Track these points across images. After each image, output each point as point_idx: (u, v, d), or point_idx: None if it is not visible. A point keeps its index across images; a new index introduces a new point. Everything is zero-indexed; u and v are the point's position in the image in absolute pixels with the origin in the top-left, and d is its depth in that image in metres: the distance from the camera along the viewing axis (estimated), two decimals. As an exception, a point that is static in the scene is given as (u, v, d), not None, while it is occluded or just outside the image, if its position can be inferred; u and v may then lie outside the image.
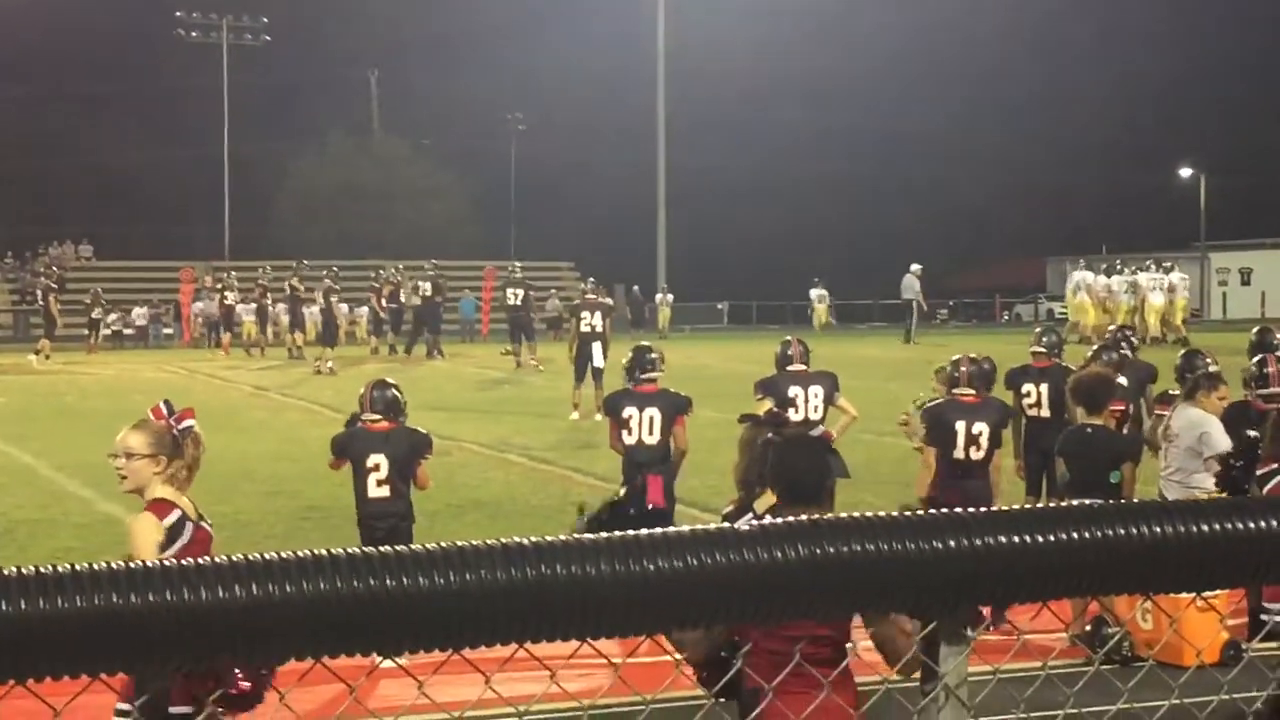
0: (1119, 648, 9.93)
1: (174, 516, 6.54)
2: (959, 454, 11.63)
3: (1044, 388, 14.00)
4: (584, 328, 25.87)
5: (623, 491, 12.36)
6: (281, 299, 44.63)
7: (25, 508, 16.51)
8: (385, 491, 10.80)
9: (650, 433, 12.61)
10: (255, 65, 76.71)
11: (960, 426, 11.64)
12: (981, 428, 11.64)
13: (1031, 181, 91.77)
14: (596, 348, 25.48)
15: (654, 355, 13.25)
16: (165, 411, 6.75)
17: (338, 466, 11.20)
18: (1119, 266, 46.77)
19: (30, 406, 28.49)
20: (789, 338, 14.42)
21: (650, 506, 12.41)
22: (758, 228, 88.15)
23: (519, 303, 36.98)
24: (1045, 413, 13.87)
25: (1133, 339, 16.34)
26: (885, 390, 24.03)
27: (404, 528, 10.85)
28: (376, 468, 10.77)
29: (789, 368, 13.67)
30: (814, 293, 61.80)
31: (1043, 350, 14.38)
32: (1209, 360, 13.04)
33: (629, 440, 12.69)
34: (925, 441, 11.88)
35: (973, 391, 11.93)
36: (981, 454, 11.63)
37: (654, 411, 12.65)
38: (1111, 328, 16.25)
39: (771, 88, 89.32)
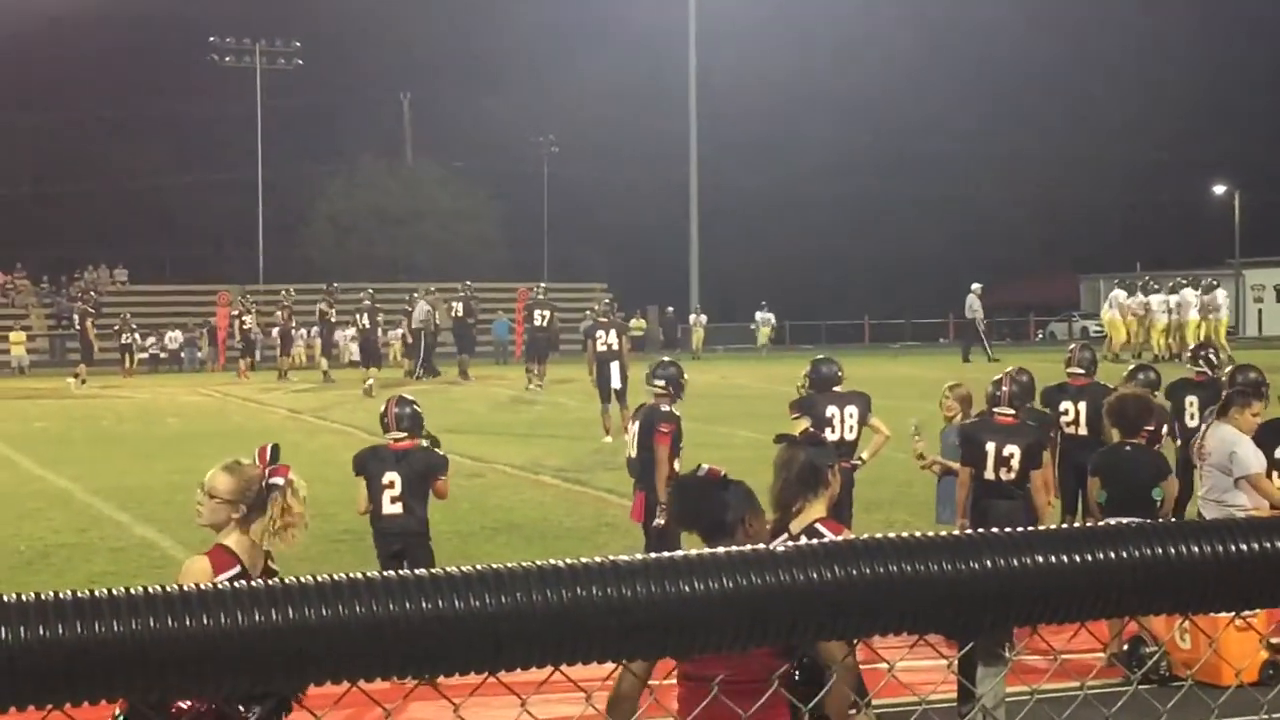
0: (1157, 667, 9.87)
1: (230, 573, 6.32)
2: (989, 475, 11.53)
3: (1082, 406, 13.98)
4: (600, 347, 25.89)
5: None
6: (313, 322, 44.70)
7: (62, 532, 16.58)
8: (398, 509, 10.94)
9: (633, 447, 12.68)
10: (288, 89, 77.13)
11: (991, 447, 11.55)
12: (1013, 450, 11.53)
13: (1064, 198, 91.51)
14: (614, 368, 25.45)
15: (652, 368, 13.29)
16: (268, 458, 6.56)
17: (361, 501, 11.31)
18: (1152, 285, 46.40)
19: (67, 431, 28.65)
20: (820, 356, 14.35)
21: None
22: (790, 248, 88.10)
23: (545, 324, 37.17)
24: (1083, 431, 13.84)
25: (1211, 356, 15.79)
26: (919, 409, 23.92)
27: (418, 544, 11.00)
28: (391, 485, 10.94)
29: (831, 389, 13.57)
30: (759, 315, 63.54)
31: (1080, 370, 14.35)
32: (1255, 374, 12.96)
33: (627, 454, 12.86)
34: (961, 461, 11.83)
35: (1012, 412, 11.85)
36: (1013, 476, 11.52)
37: (635, 426, 12.75)
38: (1193, 345, 15.90)
39: (803, 107, 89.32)
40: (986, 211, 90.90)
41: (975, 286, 47.97)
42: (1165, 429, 13.43)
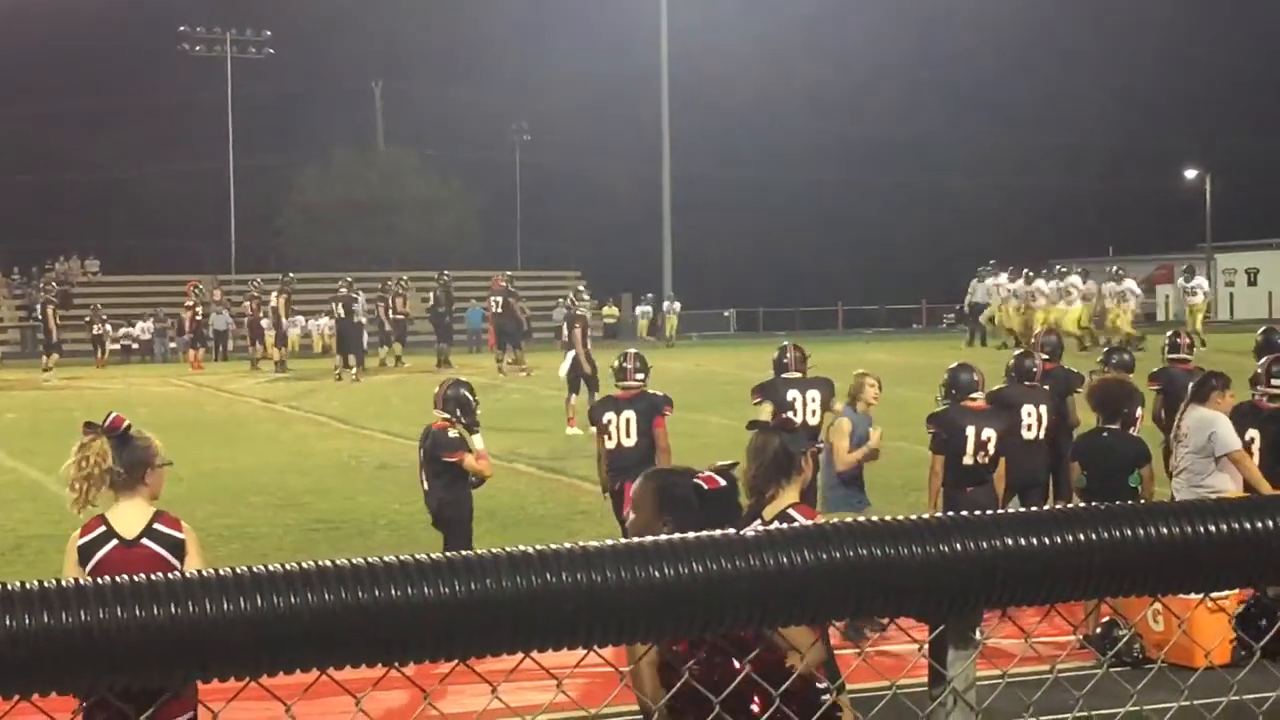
0: (1129, 649, 9.91)
1: (93, 535, 6.76)
2: (968, 459, 11.61)
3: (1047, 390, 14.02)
4: (566, 338, 26.40)
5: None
6: (265, 314, 44.00)
7: (33, 523, 16.51)
8: (426, 487, 11.68)
9: (628, 435, 12.66)
10: (259, 78, 76.81)
11: (970, 431, 11.62)
12: (990, 434, 11.63)
13: (1036, 185, 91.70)
14: (568, 357, 25.65)
15: (629, 363, 13.30)
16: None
17: None
18: (1026, 273, 44.95)
19: (38, 422, 28.50)
20: (785, 343, 14.38)
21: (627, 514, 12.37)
22: (764, 235, 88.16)
23: (499, 310, 38.63)
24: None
25: (1178, 341, 15.55)
26: (892, 394, 23.96)
27: (448, 516, 11.54)
28: (417, 464, 11.79)
29: (785, 374, 13.69)
30: (639, 309, 63.72)
31: (1044, 355, 14.41)
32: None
33: (609, 445, 12.80)
34: (932, 449, 11.86)
35: (982, 397, 11.97)
36: (988, 459, 11.62)
37: (630, 414, 12.72)
38: (1169, 332, 15.69)
39: (775, 95, 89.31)
40: (959, 198, 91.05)
41: (981, 270, 46.77)
42: (1140, 413, 13.48)
